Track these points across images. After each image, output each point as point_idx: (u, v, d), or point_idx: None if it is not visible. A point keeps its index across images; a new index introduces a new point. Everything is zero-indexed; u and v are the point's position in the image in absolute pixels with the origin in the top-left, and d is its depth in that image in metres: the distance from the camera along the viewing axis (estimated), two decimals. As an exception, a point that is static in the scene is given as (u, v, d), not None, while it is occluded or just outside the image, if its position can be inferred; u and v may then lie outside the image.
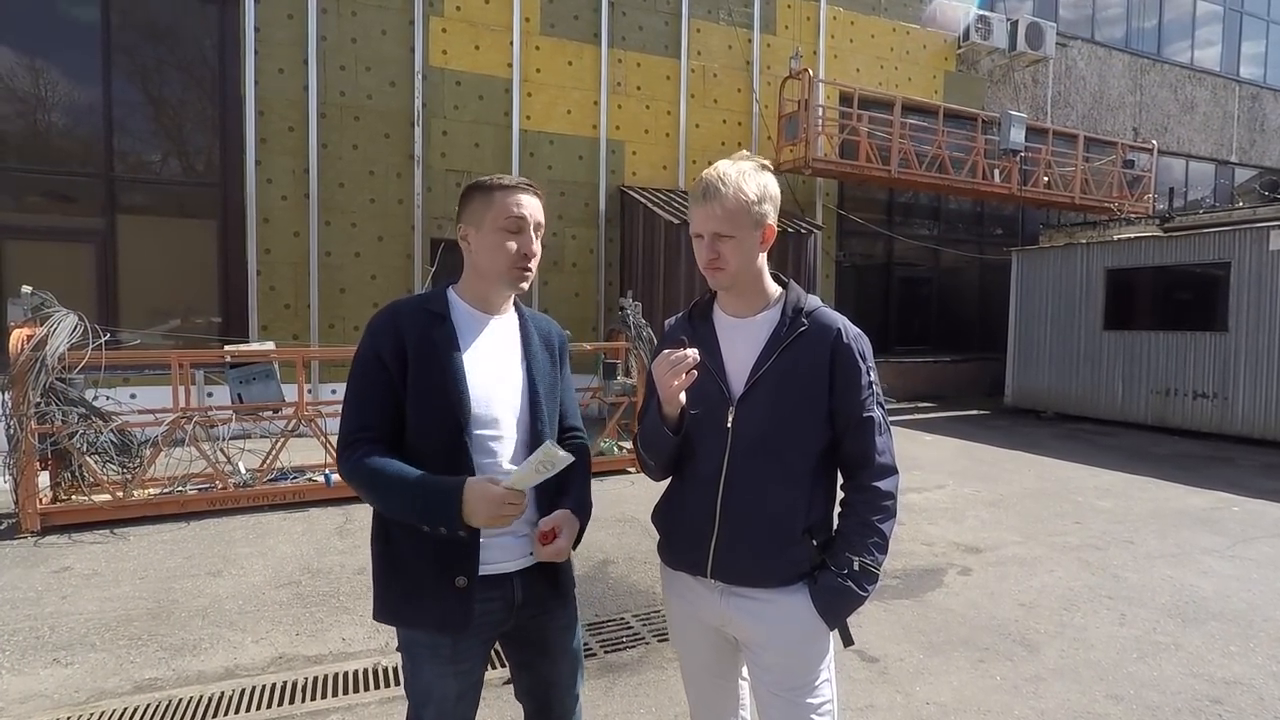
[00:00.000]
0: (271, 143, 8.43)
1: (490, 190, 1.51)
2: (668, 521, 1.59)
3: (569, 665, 1.63)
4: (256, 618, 3.54)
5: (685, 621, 1.59)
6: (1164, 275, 9.86)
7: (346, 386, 1.52)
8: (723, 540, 1.46)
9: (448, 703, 1.50)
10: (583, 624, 3.47)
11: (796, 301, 1.51)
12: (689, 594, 1.56)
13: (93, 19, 7.97)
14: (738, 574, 1.46)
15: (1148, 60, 15.38)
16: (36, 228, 7.96)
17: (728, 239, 1.44)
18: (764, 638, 1.47)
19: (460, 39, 9.26)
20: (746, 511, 1.45)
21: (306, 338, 8.59)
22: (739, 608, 1.48)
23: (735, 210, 1.42)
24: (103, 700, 2.78)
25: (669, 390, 1.41)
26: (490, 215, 1.50)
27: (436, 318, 1.51)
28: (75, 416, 4.97)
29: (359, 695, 2.83)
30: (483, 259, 1.52)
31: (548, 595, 1.58)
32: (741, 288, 1.51)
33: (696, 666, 1.62)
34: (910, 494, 6.09)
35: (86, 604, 3.67)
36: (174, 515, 5.11)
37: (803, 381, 1.44)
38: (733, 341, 1.51)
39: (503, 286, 1.55)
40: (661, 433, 1.47)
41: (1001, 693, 2.86)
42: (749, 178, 1.44)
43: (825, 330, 1.47)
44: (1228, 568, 4.33)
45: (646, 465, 1.58)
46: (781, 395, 1.44)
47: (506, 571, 1.51)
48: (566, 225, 9.97)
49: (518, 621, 1.56)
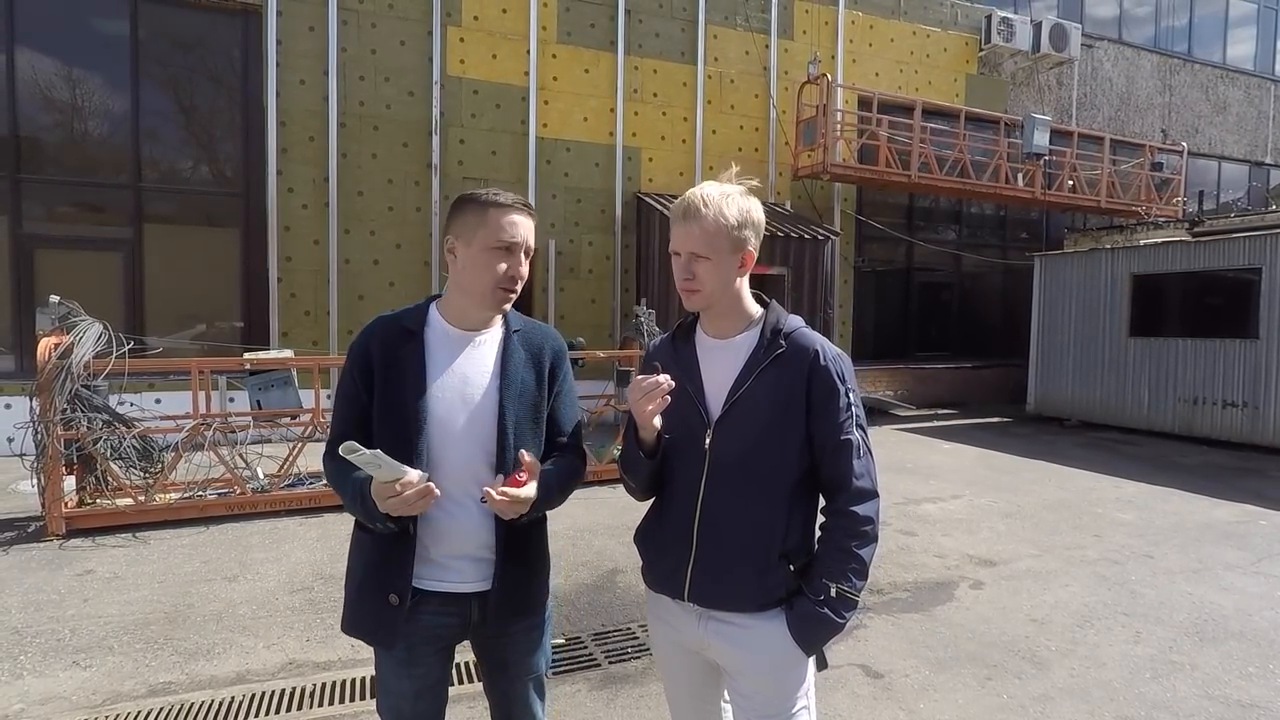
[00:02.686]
0: (293, 152, 8.59)
1: (485, 206, 1.50)
2: (647, 543, 1.59)
3: (528, 686, 1.65)
4: (269, 623, 3.60)
5: (666, 645, 1.60)
6: (1192, 281, 9.64)
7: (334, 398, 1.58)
8: (699, 563, 1.46)
9: (405, 699, 1.55)
10: (589, 634, 3.51)
11: (776, 323, 1.50)
12: (669, 617, 1.56)
13: (121, 33, 8.19)
14: (714, 598, 1.46)
15: (1178, 60, 15.08)
16: (67, 237, 8.18)
17: (704, 260, 1.44)
18: (741, 664, 1.46)
19: (478, 48, 9.36)
20: (723, 535, 1.44)
21: (326, 344, 8.72)
22: (716, 632, 1.47)
23: (714, 232, 1.42)
24: (118, 703, 2.85)
25: (643, 415, 1.41)
26: (482, 233, 1.49)
27: (407, 334, 1.53)
28: (99, 422, 5.10)
29: (365, 703, 2.87)
30: (468, 276, 1.51)
31: (510, 620, 1.57)
32: (719, 310, 1.51)
33: (678, 690, 1.62)
34: (925, 504, 6.02)
35: (107, 607, 3.76)
36: (194, 520, 5.22)
37: (780, 403, 1.43)
38: (712, 363, 1.51)
39: (484, 306, 1.55)
40: (637, 456, 1.48)
41: (1008, 712, 2.82)
42: (731, 201, 1.44)
43: (803, 351, 1.46)
44: (1251, 584, 4.22)
45: (628, 487, 1.59)
46: (758, 418, 1.43)
47: (464, 592, 1.53)
48: (583, 232, 10.02)
49: (478, 639, 1.60)
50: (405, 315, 1.58)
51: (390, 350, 1.51)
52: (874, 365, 12.14)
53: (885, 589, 4.13)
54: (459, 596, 1.52)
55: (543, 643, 1.67)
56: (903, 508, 5.89)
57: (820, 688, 2.95)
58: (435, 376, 1.51)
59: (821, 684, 3.00)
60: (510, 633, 1.59)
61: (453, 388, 1.52)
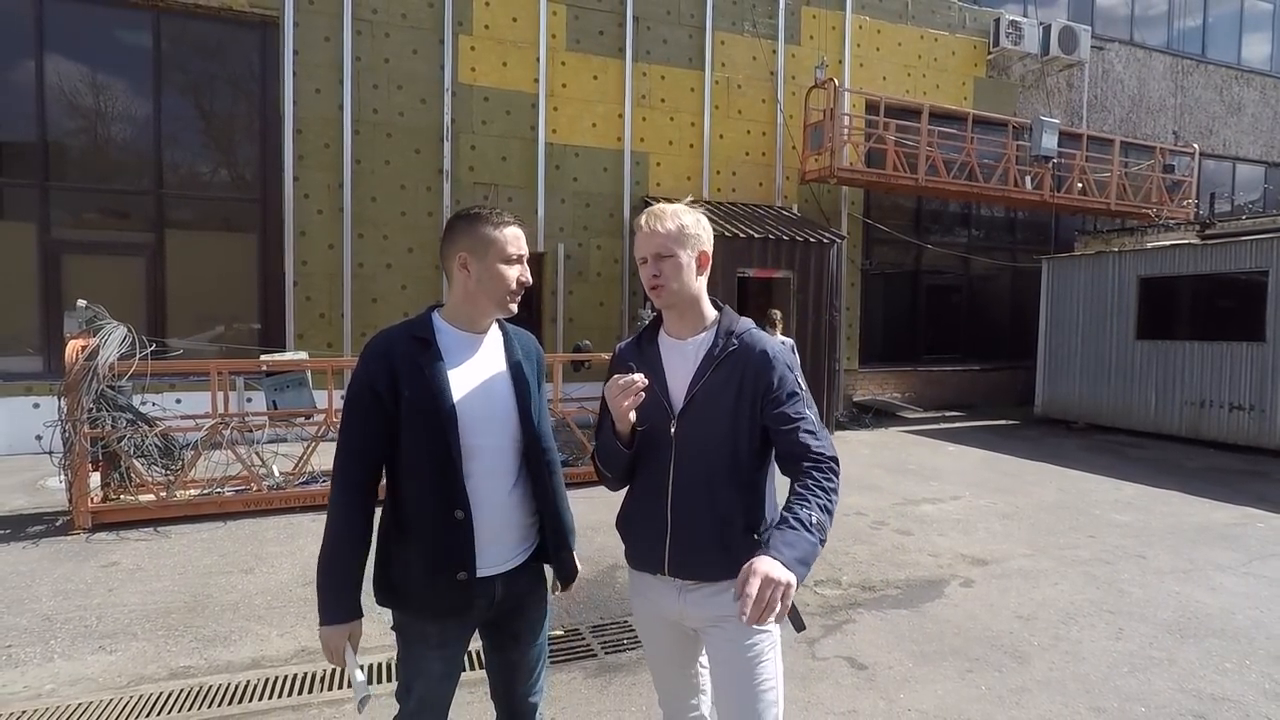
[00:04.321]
0: (308, 159, 8.82)
1: (496, 226, 1.68)
2: (627, 527, 1.75)
3: (534, 653, 1.82)
4: (283, 613, 3.78)
5: (648, 617, 1.76)
6: (1200, 284, 9.64)
7: (343, 408, 1.69)
8: (675, 540, 1.63)
9: (433, 679, 1.69)
10: (587, 626, 3.65)
11: (729, 325, 1.68)
12: (650, 592, 1.72)
13: (144, 45, 8.47)
14: (690, 570, 1.63)
15: (1191, 61, 15.00)
16: (93, 242, 8.46)
17: (668, 259, 1.62)
18: (715, 624, 1.63)
19: (488, 56, 9.55)
20: (693, 514, 1.61)
21: (340, 346, 8.94)
22: (694, 602, 1.64)
23: (674, 233, 1.62)
24: (142, 685, 3.04)
25: (620, 410, 1.58)
26: (495, 249, 1.67)
27: (422, 343, 1.67)
28: (123, 421, 5.32)
29: (373, 687, 3.02)
30: (486, 286, 1.68)
31: (525, 594, 1.78)
32: (682, 308, 1.68)
33: (660, 658, 1.78)
34: (924, 505, 6.11)
35: (130, 597, 3.96)
36: (212, 515, 5.43)
37: (733, 393, 1.61)
38: (673, 361, 1.69)
39: (500, 310, 1.73)
40: (616, 448, 1.64)
41: (985, 702, 2.93)
42: (684, 211, 1.66)
43: (752, 348, 1.63)
44: (1239, 584, 4.29)
45: (605, 478, 1.75)
46: (716, 407, 1.61)
47: (490, 574, 1.69)
48: (591, 236, 10.18)
49: (497, 614, 1.75)
50: (413, 326, 1.70)
51: (410, 359, 1.63)
52: (881, 368, 12.21)
53: (877, 586, 4.24)
54: (486, 580, 1.68)
55: (545, 615, 1.85)
56: (901, 508, 5.98)
57: (805, 678, 3.10)
58: (456, 375, 1.67)
59: (807, 674, 3.15)
60: (525, 605, 1.77)
61: (473, 383, 1.68)
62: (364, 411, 1.64)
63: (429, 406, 1.61)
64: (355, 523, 1.64)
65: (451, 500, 1.63)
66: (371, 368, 1.64)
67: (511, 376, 1.74)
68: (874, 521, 5.58)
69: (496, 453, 1.70)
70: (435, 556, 1.63)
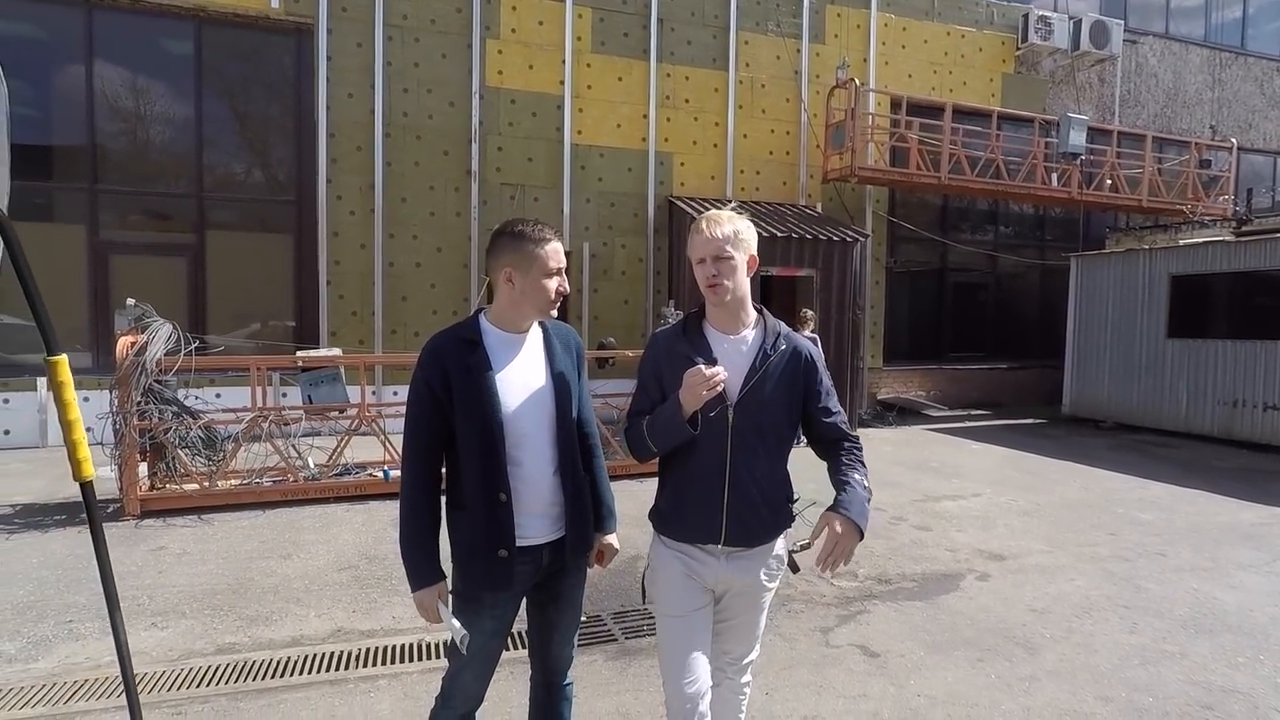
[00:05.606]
0: (341, 162, 9.10)
1: (538, 243, 1.85)
2: (680, 505, 1.90)
3: (572, 613, 2.05)
4: (320, 596, 3.98)
5: (684, 580, 1.90)
6: (1232, 281, 9.47)
7: (406, 408, 1.89)
8: (732, 513, 1.84)
9: (484, 635, 1.88)
10: (609, 613, 3.79)
11: (775, 326, 1.92)
12: (693, 562, 1.90)
13: (186, 53, 8.80)
14: (745, 538, 1.87)
15: (1229, 53, 14.66)
16: (139, 243, 8.83)
17: (725, 260, 1.81)
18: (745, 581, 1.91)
19: (515, 59, 9.74)
20: (747, 490, 1.84)
21: (371, 342, 9.20)
22: (736, 567, 1.89)
23: (731, 237, 1.82)
24: (191, 659, 3.25)
25: (698, 397, 1.75)
26: (538, 265, 1.85)
27: (470, 344, 1.86)
28: (170, 414, 5.59)
29: (405, 665, 3.20)
30: (530, 297, 1.87)
31: (568, 560, 1.99)
32: (733, 306, 1.87)
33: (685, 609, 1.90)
34: (944, 501, 6.15)
35: (178, 579, 4.19)
36: (251, 504, 5.68)
37: (785, 387, 1.87)
38: (725, 354, 1.86)
39: (539, 315, 1.93)
40: (680, 429, 1.79)
41: (993, 690, 3.01)
42: (737, 217, 1.87)
43: (797, 350, 1.90)
44: (1261, 583, 4.28)
45: (646, 451, 1.88)
46: (767, 397, 1.84)
47: (538, 544, 1.90)
48: (616, 235, 10.32)
49: (542, 578, 1.96)
50: (462, 329, 1.90)
51: (461, 359, 1.83)
52: (906, 366, 12.17)
53: (893, 579, 4.32)
54: (533, 548, 1.89)
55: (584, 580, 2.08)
56: (920, 504, 6.03)
57: (819, 664, 3.21)
58: (502, 372, 1.86)
59: (820, 661, 3.26)
60: (567, 569, 1.99)
61: (517, 379, 1.88)
62: (422, 407, 1.85)
63: (476, 400, 1.82)
64: (423, 502, 1.86)
65: (496, 483, 1.83)
66: (428, 368, 1.84)
67: (550, 370, 1.93)
68: (893, 517, 5.64)
69: (537, 440, 1.89)
70: (484, 534, 1.84)
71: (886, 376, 12.01)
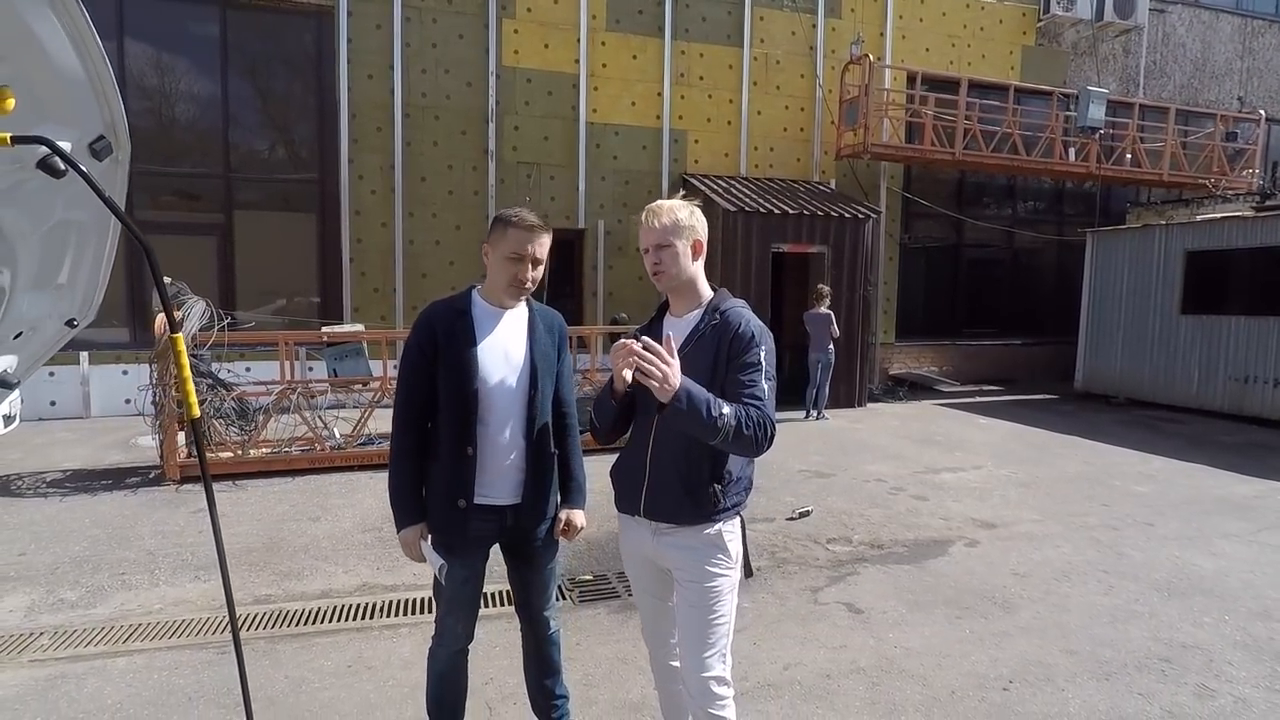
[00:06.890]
0: (362, 142, 9.33)
1: (507, 225, 2.04)
2: (617, 474, 2.07)
3: (544, 575, 2.24)
4: (346, 554, 4.30)
5: (631, 555, 2.08)
6: (1250, 257, 9.41)
7: (398, 366, 2.12)
8: (650, 487, 1.91)
9: (455, 582, 2.11)
10: (614, 572, 4.06)
11: (718, 304, 1.94)
12: (630, 533, 2.04)
13: (212, 35, 9.05)
14: (661, 513, 1.90)
15: (1263, 21, 14.28)
16: (171, 223, 9.17)
17: (666, 248, 1.89)
18: (680, 564, 1.90)
19: (531, 39, 9.86)
20: (667, 464, 1.88)
21: (393, 318, 9.51)
22: (665, 542, 1.92)
23: (670, 226, 1.89)
24: (231, 608, 3.57)
25: (615, 369, 1.83)
26: (503, 245, 2.04)
27: (459, 313, 2.09)
28: (205, 387, 5.93)
29: (424, 615, 3.50)
30: (493, 274, 2.10)
31: (533, 526, 2.17)
32: (680, 290, 1.95)
33: (642, 590, 2.10)
34: (944, 473, 6.33)
35: (217, 538, 4.53)
36: (281, 471, 6.02)
37: (710, 360, 1.85)
38: (672, 334, 1.95)
39: (504, 296, 2.11)
40: (606, 403, 1.95)
41: (966, 643, 3.24)
42: (678, 206, 1.92)
43: (728, 324, 1.88)
44: (1242, 551, 4.44)
45: (594, 429, 2.04)
46: (695, 371, 1.80)
47: (501, 504, 2.10)
48: (630, 212, 10.46)
49: (509, 540, 2.17)
50: (455, 300, 2.14)
51: (448, 324, 2.05)
52: (919, 341, 12.25)
53: (885, 544, 4.54)
54: (495, 508, 2.09)
55: (554, 545, 2.24)
56: (920, 476, 6.22)
57: (805, 619, 3.46)
58: (483, 340, 2.07)
59: (807, 616, 3.50)
60: (532, 536, 2.17)
61: (497, 349, 2.07)
62: (412, 364, 2.09)
63: (456, 362, 2.04)
64: (408, 448, 2.10)
65: (465, 438, 2.03)
66: (420, 331, 2.08)
67: (530, 346, 2.12)
68: (892, 488, 5.84)
69: (508, 408, 2.07)
70: (447, 485, 2.05)
71: (899, 352, 12.11)
